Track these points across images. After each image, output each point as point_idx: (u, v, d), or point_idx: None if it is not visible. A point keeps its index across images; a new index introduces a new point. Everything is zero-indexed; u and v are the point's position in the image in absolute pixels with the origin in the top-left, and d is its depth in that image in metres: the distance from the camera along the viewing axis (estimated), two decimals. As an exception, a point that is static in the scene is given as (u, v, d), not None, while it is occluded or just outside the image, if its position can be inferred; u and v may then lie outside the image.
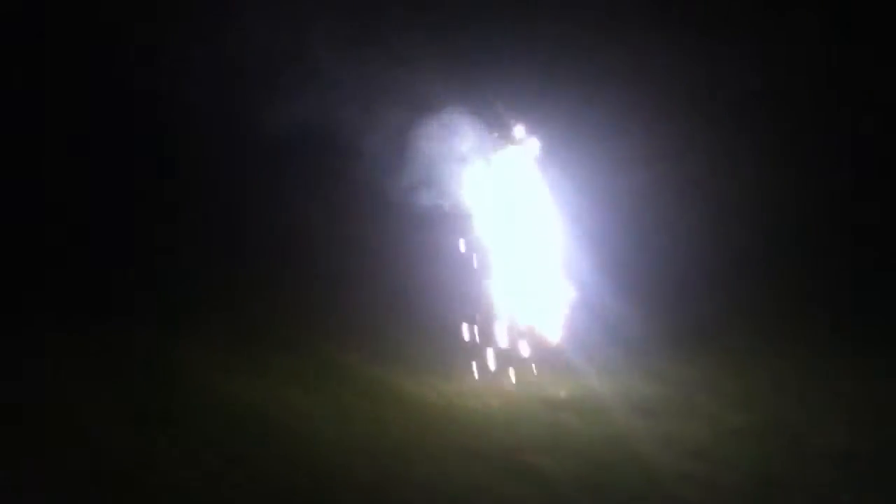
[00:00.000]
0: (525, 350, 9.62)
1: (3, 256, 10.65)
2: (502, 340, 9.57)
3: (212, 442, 7.56)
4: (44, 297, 10.31)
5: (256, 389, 8.57)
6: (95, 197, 12.05)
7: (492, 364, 9.52)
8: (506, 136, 9.66)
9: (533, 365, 9.61)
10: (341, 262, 11.11)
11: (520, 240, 9.70)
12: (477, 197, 9.58)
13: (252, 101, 11.35)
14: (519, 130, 9.72)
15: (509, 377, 9.48)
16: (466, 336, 9.57)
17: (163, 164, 12.16)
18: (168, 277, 10.88)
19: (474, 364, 9.51)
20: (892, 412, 8.62)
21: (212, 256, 11.40)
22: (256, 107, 11.08)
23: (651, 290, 10.89)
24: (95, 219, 11.74)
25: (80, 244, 11.36)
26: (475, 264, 9.62)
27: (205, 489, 6.90)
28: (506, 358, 9.56)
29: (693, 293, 11.14)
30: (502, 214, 9.67)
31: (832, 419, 8.57)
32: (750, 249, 11.84)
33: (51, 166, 11.93)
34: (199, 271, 11.01)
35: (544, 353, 9.64)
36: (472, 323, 9.56)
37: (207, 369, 8.87)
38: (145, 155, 12.11)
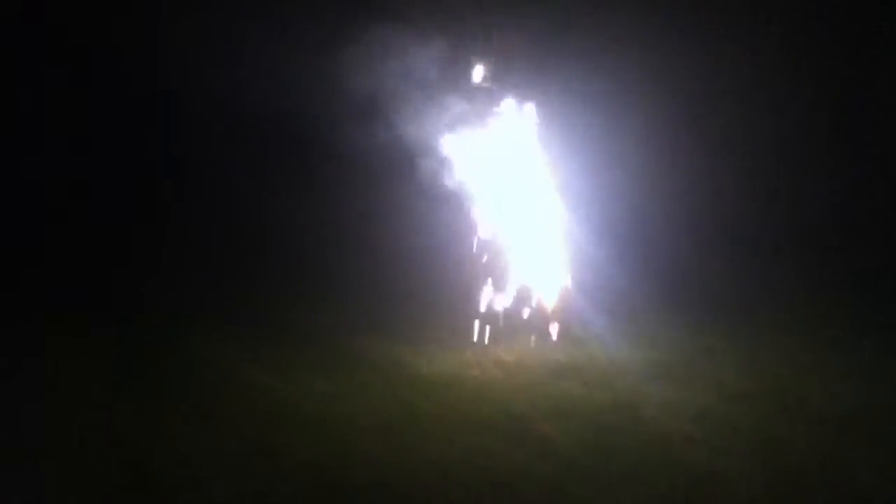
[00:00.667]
0: (527, 321, 9.65)
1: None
2: (504, 312, 9.59)
3: (241, 430, 7.63)
4: (52, 298, 10.42)
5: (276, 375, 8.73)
6: (95, 197, 12.20)
7: (495, 336, 9.52)
8: (505, 105, 9.61)
9: (535, 335, 9.64)
10: (342, 247, 11.26)
11: (519, 211, 9.68)
12: (475, 168, 9.53)
13: (248, 89, 11.45)
14: (520, 99, 9.64)
15: (513, 348, 9.48)
16: (469, 310, 9.55)
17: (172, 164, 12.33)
18: (179, 276, 11.02)
19: (478, 337, 9.53)
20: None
21: (224, 253, 11.57)
22: (254, 94, 11.19)
23: (652, 262, 11.01)
24: (103, 218, 11.90)
25: (89, 242, 11.51)
26: (474, 237, 9.63)
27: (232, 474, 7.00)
28: (509, 329, 9.59)
29: (693, 264, 11.28)
30: (501, 185, 9.62)
31: (833, 385, 8.72)
32: (747, 227, 12.01)
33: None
34: (211, 269, 11.16)
35: (546, 324, 9.68)
36: (474, 296, 9.56)
37: (230, 362, 8.98)
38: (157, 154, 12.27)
